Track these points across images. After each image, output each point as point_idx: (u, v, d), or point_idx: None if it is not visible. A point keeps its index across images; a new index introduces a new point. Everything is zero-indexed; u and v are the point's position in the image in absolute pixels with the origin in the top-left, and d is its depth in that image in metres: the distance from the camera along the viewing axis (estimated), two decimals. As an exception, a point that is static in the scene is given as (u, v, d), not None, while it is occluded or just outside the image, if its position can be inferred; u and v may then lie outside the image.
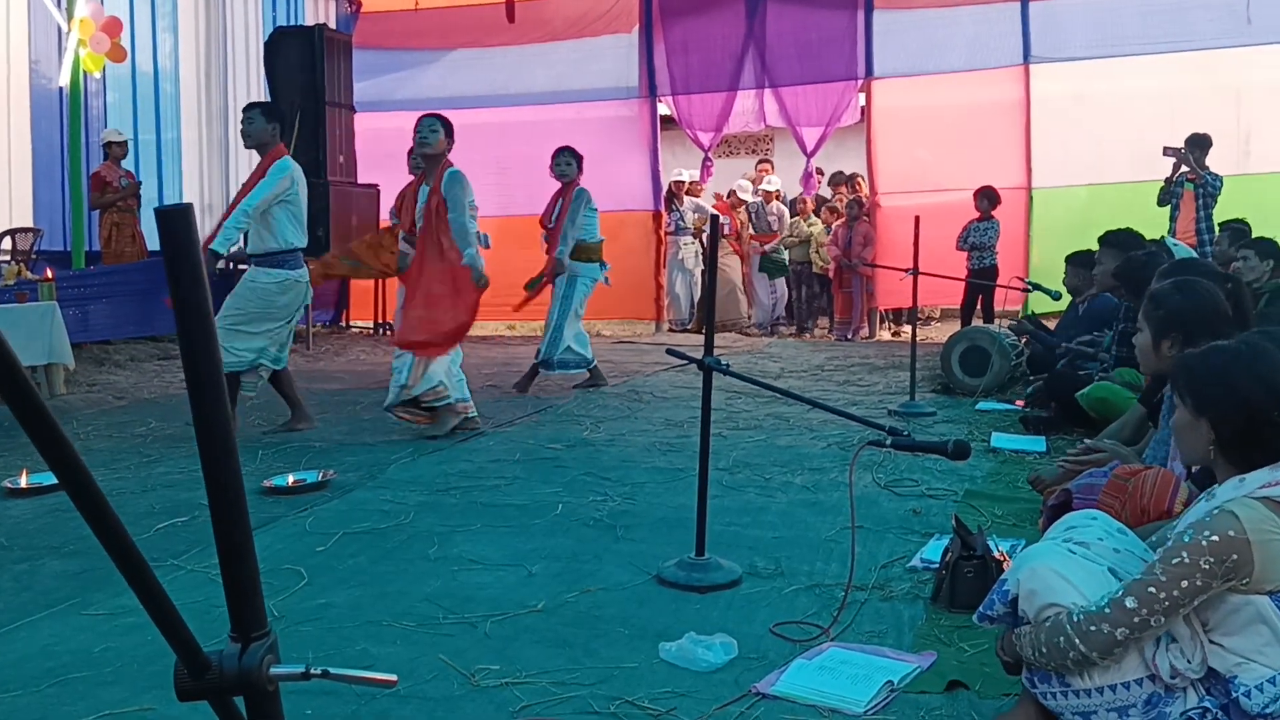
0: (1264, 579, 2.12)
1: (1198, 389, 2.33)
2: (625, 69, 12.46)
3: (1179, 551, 2.14)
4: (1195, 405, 2.33)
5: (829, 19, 11.81)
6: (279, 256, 6.14)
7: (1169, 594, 2.13)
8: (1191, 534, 2.15)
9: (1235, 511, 2.14)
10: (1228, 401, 2.25)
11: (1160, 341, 3.48)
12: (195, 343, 0.93)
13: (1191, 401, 2.33)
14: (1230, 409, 2.25)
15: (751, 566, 3.75)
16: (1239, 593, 2.14)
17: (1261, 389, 2.22)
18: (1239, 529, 2.11)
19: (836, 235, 12.07)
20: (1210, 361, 2.34)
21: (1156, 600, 2.13)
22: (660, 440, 6.08)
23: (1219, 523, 2.14)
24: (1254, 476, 2.21)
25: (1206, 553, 2.11)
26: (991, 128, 11.38)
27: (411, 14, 13.00)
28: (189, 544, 4.06)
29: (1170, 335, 3.44)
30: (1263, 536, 2.11)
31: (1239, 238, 7.34)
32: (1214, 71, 10.72)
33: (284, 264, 6.15)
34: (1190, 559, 2.12)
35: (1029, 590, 2.32)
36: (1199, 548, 2.12)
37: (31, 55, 11.17)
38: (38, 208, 11.13)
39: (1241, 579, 2.12)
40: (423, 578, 3.70)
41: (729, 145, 16.65)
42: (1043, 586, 2.30)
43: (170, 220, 0.92)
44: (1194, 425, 2.33)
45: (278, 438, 6.20)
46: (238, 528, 0.98)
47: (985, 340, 7.73)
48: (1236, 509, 2.14)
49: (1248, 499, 2.17)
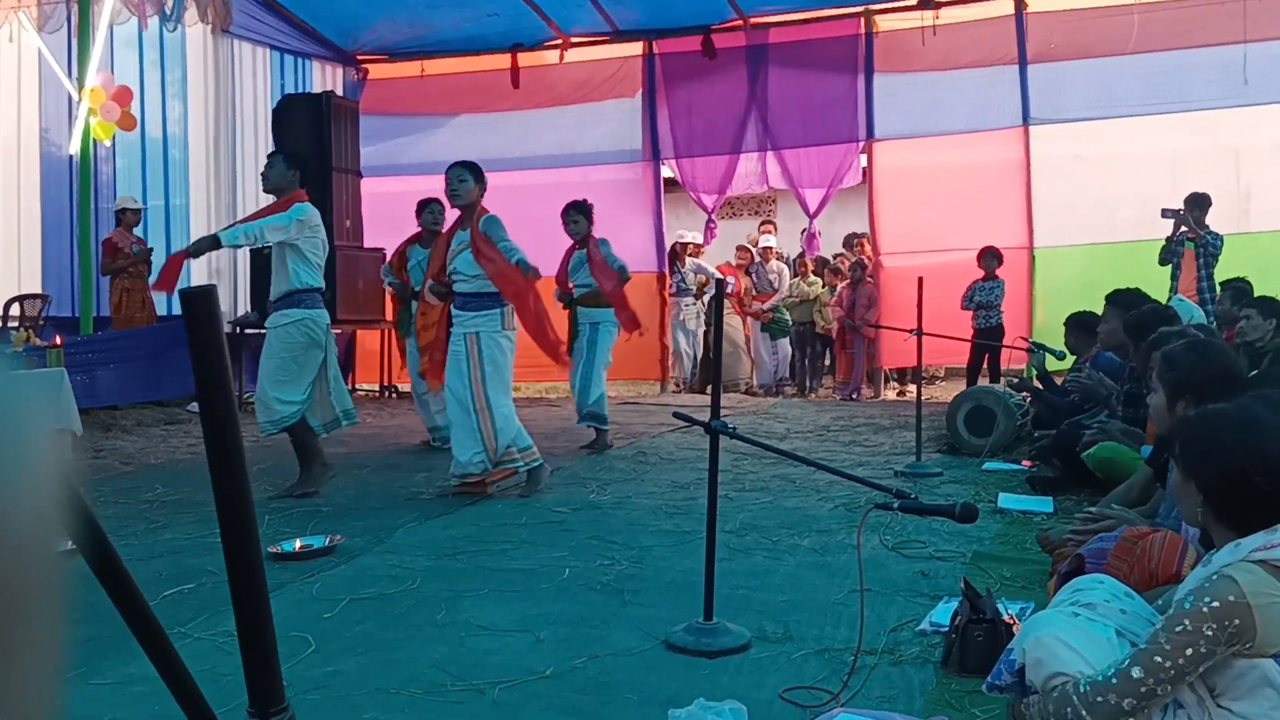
0: (1267, 642, 2.12)
1: (1186, 451, 2.34)
2: (629, 133, 12.58)
3: (1181, 619, 2.15)
4: (1183, 467, 2.34)
5: (830, 82, 11.94)
6: (296, 296, 6.22)
7: (1174, 662, 2.13)
8: (1192, 601, 2.15)
9: (1234, 576, 2.14)
10: (1212, 465, 2.27)
11: (1175, 403, 3.46)
12: (218, 418, 0.94)
13: (1181, 465, 2.35)
14: (1215, 473, 2.26)
15: (760, 631, 3.73)
16: (1244, 657, 2.14)
17: (1247, 455, 2.23)
18: (1239, 593, 2.11)
19: (841, 296, 12.12)
20: (1200, 424, 2.36)
21: (1162, 669, 2.13)
22: (667, 503, 6.07)
23: (1218, 588, 2.14)
24: (1249, 541, 2.21)
25: (1209, 619, 2.11)
26: (993, 188, 11.46)
27: (418, 80, 13.17)
28: (195, 611, 4.05)
29: (1185, 397, 3.42)
30: (1262, 600, 2.12)
31: (1241, 297, 7.36)
32: (1213, 131, 10.81)
33: (301, 303, 6.22)
34: (1193, 626, 2.12)
35: (1035, 660, 2.32)
36: (1200, 614, 2.12)
37: (42, 123, 11.31)
38: (46, 274, 11.21)
39: (1245, 643, 2.12)
40: (430, 644, 3.68)
41: (732, 207, 16.77)
42: (1048, 655, 2.30)
43: (193, 301, 0.94)
44: (1184, 487, 2.35)
45: (285, 502, 6.20)
46: (257, 602, 0.99)
47: (990, 400, 7.73)
48: (1235, 574, 2.15)
49: (1245, 563, 2.17)
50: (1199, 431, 2.34)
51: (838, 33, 11.87)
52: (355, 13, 12.21)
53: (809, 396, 12.59)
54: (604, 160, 12.54)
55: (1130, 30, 10.74)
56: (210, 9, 10.72)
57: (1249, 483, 2.21)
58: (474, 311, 6.24)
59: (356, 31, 12.71)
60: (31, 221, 11.45)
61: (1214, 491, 2.27)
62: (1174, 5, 10.68)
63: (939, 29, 11.42)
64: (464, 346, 6.22)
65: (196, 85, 11.80)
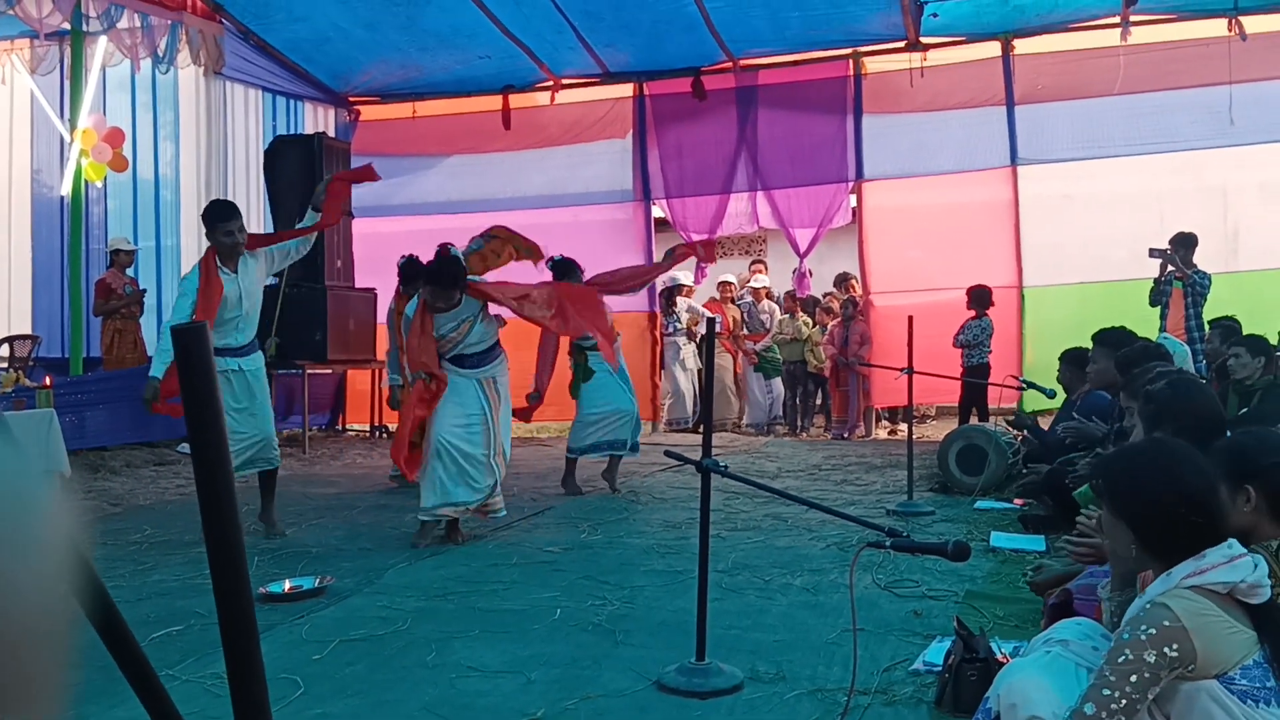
0: (1208, 664, 2.16)
1: (1112, 490, 2.38)
2: (620, 173, 12.65)
3: (1122, 649, 2.19)
4: (1111, 506, 2.39)
5: (819, 123, 12.03)
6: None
7: (1122, 692, 2.16)
8: (1129, 631, 2.20)
9: (1167, 604, 2.19)
10: (1140, 502, 2.32)
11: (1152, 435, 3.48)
12: (209, 457, 0.94)
13: (1108, 503, 2.39)
14: (1142, 509, 2.31)
15: (753, 671, 3.71)
16: (1188, 680, 2.18)
17: (1169, 488, 2.29)
18: (1173, 618, 2.16)
19: (833, 334, 12.17)
20: (1121, 461, 2.41)
21: (1113, 700, 2.16)
22: (659, 542, 6.05)
23: (1153, 616, 2.18)
24: (1179, 569, 2.26)
25: (1147, 646, 2.15)
26: (981, 228, 11.52)
27: (409, 121, 13.23)
28: (183, 654, 4.01)
29: (1162, 429, 3.44)
30: (1197, 623, 2.16)
31: (1229, 335, 7.38)
32: (1200, 171, 10.90)
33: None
34: (1134, 655, 2.16)
35: (1009, 705, 2.36)
36: (1139, 643, 2.16)
37: (34, 164, 11.36)
38: (37, 315, 11.21)
39: (1187, 666, 2.16)
40: (420, 686, 3.65)
41: (722, 247, 16.81)
42: (1021, 699, 2.35)
43: (184, 337, 0.94)
44: (1114, 525, 2.40)
45: (274, 543, 6.17)
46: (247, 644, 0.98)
47: (982, 439, 7.74)
48: (1168, 600, 2.20)
49: (1177, 590, 2.22)
50: (1121, 468, 2.41)
51: (826, 74, 11.98)
52: (347, 56, 12.28)
53: (800, 435, 12.59)
54: (595, 200, 12.60)
55: (1117, 72, 10.85)
56: (203, 51, 10.78)
57: (1174, 513, 2.27)
58: (490, 363, 6.23)
59: (348, 74, 12.78)
60: (22, 262, 11.48)
61: (1141, 525, 2.32)
62: (1160, 47, 10.81)
63: (927, 71, 11.53)
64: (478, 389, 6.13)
65: (188, 126, 11.85)
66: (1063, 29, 11.12)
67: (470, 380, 6.08)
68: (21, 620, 0.47)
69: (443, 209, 12.26)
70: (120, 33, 10.06)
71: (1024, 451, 7.67)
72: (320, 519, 6.81)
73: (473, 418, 6.05)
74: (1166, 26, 10.78)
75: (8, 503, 0.48)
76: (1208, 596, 2.19)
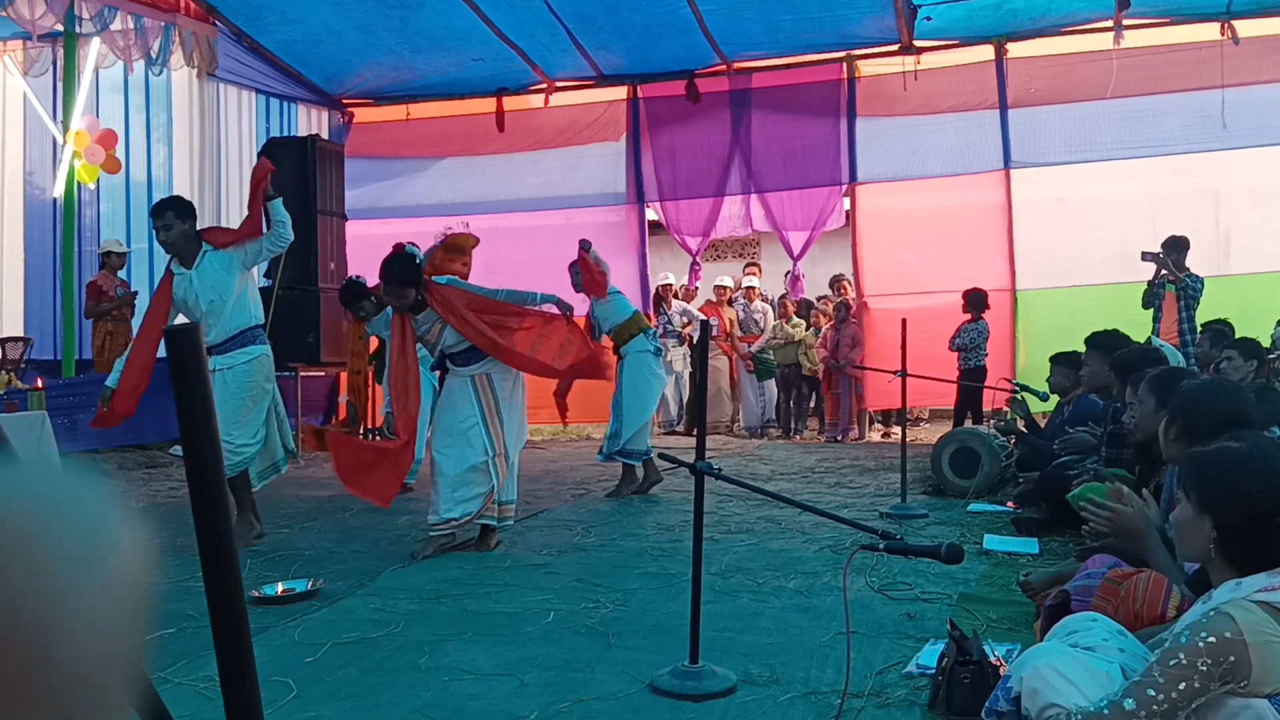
0: (1262, 681, 2.11)
1: (1204, 487, 2.33)
2: (613, 176, 12.66)
3: (1176, 653, 2.14)
4: (1200, 503, 2.32)
5: (813, 127, 12.05)
6: (254, 331, 6.13)
7: (1167, 696, 2.12)
8: (1188, 635, 2.15)
9: (1232, 614, 2.13)
10: (1233, 503, 2.26)
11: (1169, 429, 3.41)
12: (202, 459, 0.93)
13: (1196, 499, 2.33)
14: (1235, 510, 2.25)
15: (746, 674, 3.71)
16: (1238, 695, 2.12)
17: (1268, 494, 2.23)
18: (1235, 630, 2.10)
19: (826, 337, 12.18)
20: (1219, 461, 2.34)
21: (1155, 702, 2.12)
22: (652, 545, 6.04)
23: (1215, 624, 2.13)
24: (1250, 580, 2.21)
25: (1204, 654, 2.10)
26: (975, 231, 11.54)
27: (403, 124, 13.22)
28: (175, 656, 4.00)
29: (1176, 424, 3.37)
30: (1260, 639, 2.11)
31: (1221, 339, 7.39)
32: (1192, 174, 10.93)
33: (257, 339, 6.14)
34: (1188, 660, 2.11)
35: (1031, 689, 2.33)
36: (1196, 649, 2.11)
37: (26, 166, 11.32)
38: (29, 317, 11.18)
39: (1240, 681, 2.11)
40: (413, 689, 3.65)
41: (716, 249, 16.85)
42: (1044, 686, 2.31)
43: (178, 339, 0.93)
44: (1196, 522, 2.33)
45: (266, 545, 6.15)
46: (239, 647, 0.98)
47: (975, 442, 7.75)
48: (1233, 611, 2.14)
49: (1244, 601, 2.16)
50: (1219, 466, 2.33)
51: (820, 77, 12.00)
52: (341, 58, 12.26)
53: (794, 438, 12.59)
54: (588, 203, 12.61)
55: (1109, 75, 10.88)
56: (196, 53, 10.76)
57: (1266, 521, 2.22)
58: (479, 361, 5.95)
59: (342, 76, 12.77)
60: (14, 264, 11.44)
61: (1231, 528, 2.26)
62: (1152, 51, 10.84)
63: (920, 74, 11.55)
64: (471, 390, 5.94)
65: (181, 128, 11.82)
66: (1056, 33, 11.15)
67: (464, 380, 5.97)
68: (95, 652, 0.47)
69: (436, 211, 12.24)
70: (113, 34, 10.04)
71: (1017, 455, 7.68)
72: (313, 521, 6.80)
73: (466, 422, 5.87)
74: (1159, 30, 10.81)
75: (88, 534, 0.49)
76: (1273, 614, 2.14)
